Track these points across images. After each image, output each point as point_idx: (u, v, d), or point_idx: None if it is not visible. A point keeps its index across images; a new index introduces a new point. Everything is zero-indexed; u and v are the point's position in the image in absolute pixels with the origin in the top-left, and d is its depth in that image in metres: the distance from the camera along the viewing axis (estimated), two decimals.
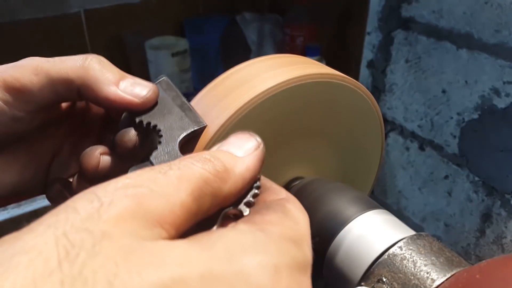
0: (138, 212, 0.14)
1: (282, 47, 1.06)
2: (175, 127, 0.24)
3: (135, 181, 0.15)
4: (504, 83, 0.54)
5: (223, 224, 0.18)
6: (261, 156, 0.20)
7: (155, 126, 0.25)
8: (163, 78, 0.27)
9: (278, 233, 0.16)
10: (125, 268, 0.12)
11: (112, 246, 0.13)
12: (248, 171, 0.19)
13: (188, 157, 0.17)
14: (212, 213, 0.18)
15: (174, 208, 0.15)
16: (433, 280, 0.23)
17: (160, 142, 0.24)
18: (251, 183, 0.19)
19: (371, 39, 0.72)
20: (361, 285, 0.25)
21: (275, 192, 0.20)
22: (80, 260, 0.12)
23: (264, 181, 0.20)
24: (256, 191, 0.19)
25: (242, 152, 0.19)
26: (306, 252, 0.16)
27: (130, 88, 0.25)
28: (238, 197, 0.19)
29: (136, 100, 0.24)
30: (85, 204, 0.14)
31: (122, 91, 0.24)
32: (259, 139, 0.20)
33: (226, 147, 0.19)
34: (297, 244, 0.16)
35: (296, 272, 0.15)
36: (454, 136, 0.62)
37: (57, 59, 0.24)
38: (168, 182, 0.15)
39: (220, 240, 0.14)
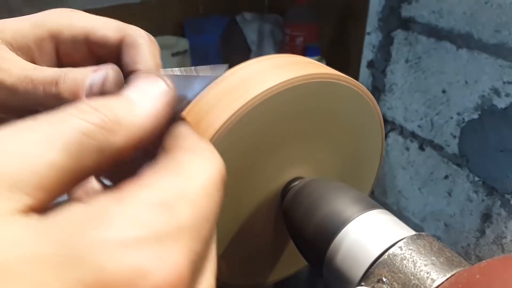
0: None
1: (282, 47, 1.06)
2: None
3: None
4: (504, 83, 0.54)
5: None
6: (168, 101, 0.17)
7: None
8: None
9: (140, 199, 0.13)
10: None
11: None
12: (149, 119, 0.16)
13: (68, 107, 0.15)
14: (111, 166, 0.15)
15: (39, 169, 0.13)
16: (433, 280, 0.23)
17: None
18: (159, 133, 0.17)
19: (371, 39, 0.72)
20: (361, 285, 0.25)
21: (181, 140, 0.17)
22: None
23: (179, 127, 0.18)
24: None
25: (145, 97, 0.16)
26: (180, 216, 0.14)
27: (90, 91, 0.22)
28: (143, 146, 0.16)
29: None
30: None
31: (87, 96, 0.22)
32: (169, 83, 0.17)
33: (125, 92, 0.17)
34: (168, 207, 0.14)
35: (154, 243, 0.13)
36: (454, 136, 0.62)
37: (29, 78, 0.22)
38: (32, 140, 0.13)
39: (60, 218, 0.13)
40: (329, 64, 0.37)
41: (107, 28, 0.25)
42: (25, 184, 0.13)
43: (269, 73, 0.30)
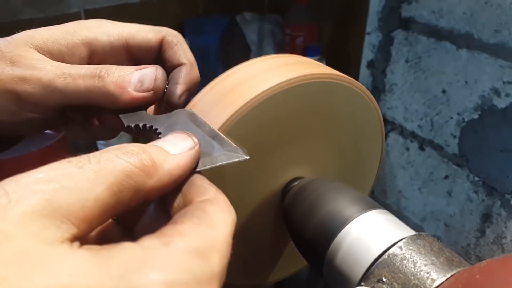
0: (45, 210, 0.14)
1: (282, 47, 1.06)
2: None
3: (47, 175, 0.15)
4: (504, 83, 0.54)
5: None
6: (194, 156, 0.20)
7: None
8: (188, 110, 0.27)
9: (183, 246, 0.15)
10: (16, 272, 0.12)
11: (9, 248, 0.13)
12: (178, 169, 0.19)
13: (114, 149, 0.17)
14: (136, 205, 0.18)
15: (86, 203, 0.15)
16: (433, 280, 0.23)
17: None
18: (181, 181, 0.19)
19: (371, 39, 0.72)
20: (361, 285, 0.25)
21: (203, 191, 0.19)
22: None
23: (198, 179, 0.20)
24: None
25: (176, 149, 0.19)
26: (213, 264, 0.16)
27: (139, 85, 0.25)
28: (165, 193, 0.19)
29: (148, 94, 0.26)
30: None
31: (135, 90, 0.25)
32: (195, 140, 0.20)
33: (160, 143, 0.19)
34: (204, 255, 0.16)
35: (195, 286, 0.15)
36: (454, 136, 0.62)
37: (68, 74, 0.24)
38: (83, 177, 0.15)
39: (119, 255, 0.14)
40: (329, 64, 0.37)
41: (144, 31, 0.28)
42: (74, 215, 0.15)
43: (269, 73, 0.30)
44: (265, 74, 0.30)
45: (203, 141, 0.22)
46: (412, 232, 0.27)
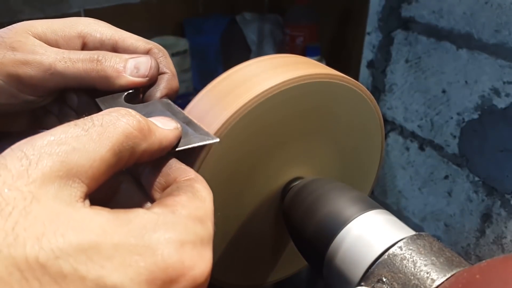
0: (61, 171, 0.16)
1: (282, 47, 1.06)
2: None
3: (59, 138, 0.17)
4: (504, 83, 0.54)
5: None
6: (178, 135, 0.23)
7: None
8: (164, 100, 0.29)
9: (186, 213, 0.18)
10: (51, 229, 0.14)
11: (41, 208, 0.15)
12: (166, 139, 0.21)
13: (114, 111, 0.19)
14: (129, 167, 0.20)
15: (94, 163, 0.17)
16: (433, 280, 0.23)
17: None
18: (165, 152, 0.22)
19: (371, 39, 0.72)
20: (361, 285, 0.25)
21: (185, 171, 0.22)
22: (13, 218, 0.14)
23: (176, 162, 0.22)
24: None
25: (163, 126, 0.22)
26: (209, 228, 0.19)
27: (135, 71, 0.28)
28: (152, 158, 0.21)
29: (143, 79, 0.28)
30: (15, 162, 0.16)
31: (130, 75, 0.27)
32: (179, 125, 0.23)
33: (150, 119, 0.22)
34: (202, 221, 0.18)
35: (199, 246, 0.17)
36: (454, 136, 0.62)
37: (67, 58, 0.27)
38: (90, 139, 0.17)
39: (136, 218, 0.17)
40: (329, 64, 0.37)
41: (135, 39, 0.30)
42: (84, 175, 0.17)
43: (269, 73, 0.30)
44: (265, 74, 0.30)
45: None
46: (412, 232, 0.27)
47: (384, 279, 0.24)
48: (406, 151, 0.72)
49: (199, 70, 1.10)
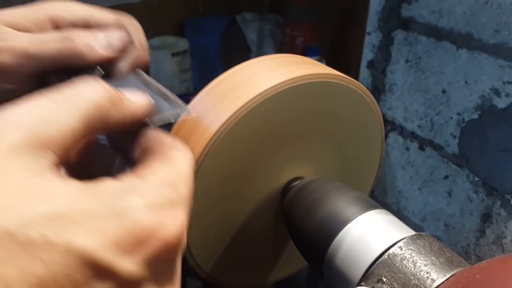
0: (30, 142, 0.16)
1: (282, 47, 1.06)
2: None
3: (27, 110, 0.17)
4: (504, 83, 0.54)
5: None
6: (149, 108, 0.22)
7: None
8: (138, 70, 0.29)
9: (155, 179, 0.18)
10: (20, 200, 0.15)
11: (9, 180, 0.15)
12: (137, 110, 0.21)
13: (85, 82, 0.19)
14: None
15: (64, 134, 0.17)
16: (433, 280, 0.23)
17: None
18: (138, 124, 0.22)
19: (371, 39, 0.72)
20: (361, 285, 0.25)
21: (160, 139, 0.22)
22: None
23: (151, 131, 0.22)
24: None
25: (135, 99, 0.22)
26: (181, 190, 0.19)
27: (108, 46, 0.28)
28: (126, 128, 0.21)
29: (115, 53, 0.28)
30: None
31: (102, 50, 0.28)
32: (150, 98, 0.23)
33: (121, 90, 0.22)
34: (173, 185, 0.19)
35: (168, 208, 0.17)
36: (454, 136, 0.62)
37: (39, 40, 0.27)
38: (59, 110, 0.17)
39: (104, 187, 0.17)
40: (329, 64, 0.37)
41: (104, 14, 0.30)
42: (54, 146, 0.17)
43: (269, 73, 0.30)
44: (265, 74, 0.30)
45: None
46: (412, 232, 0.27)
47: (384, 279, 0.24)
48: (406, 151, 0.72)
49: (199, 70, 1.10)
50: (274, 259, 0.39)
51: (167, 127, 0.27)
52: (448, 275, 0.23)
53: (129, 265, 0.16)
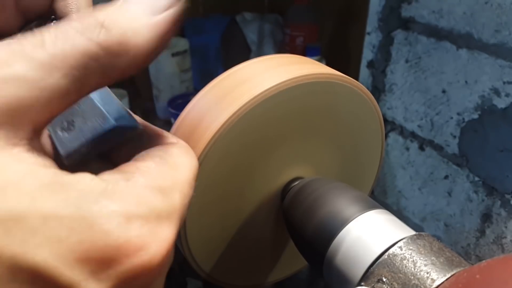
0: None
1: (282, 47, 1.06)
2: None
3: None
4: (504, 83, 0.54)
5: None
6: (175, 18, 0.16)
7: None
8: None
9: (144, 182, 0.15)
10: None
11: None
12: (156, 39, 0.15)
13: (74, 22, 0.14)
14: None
15: (43, 93, 0.13)
16: (433, 280, 0.23)
17: None
18: (160, 50, 0.16)
19: (371, 39, 0.72)
20: (361, 285, 0.25)
21: (164, 137, 0.18)
22: None
23: (152, 128, 0.19)
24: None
25: (151, 10, 0.15)
26: (173, 201, 0.15)
27: None
28: (135, 71, 0.16)
29: None
30: None
31: None
32: None
33: (129, 5, 0.15)
34: (165, 192, 0.15)
35: (152, 221, 0.14)
36: (454, 136, 0.62)
37: None
38: (37, 63, 0.13)
39: (78, 184, 0.13)
40: (329, 64, 0.37)
41: None
42: (25, 113, 0.13)
43: (269, 73, 0.30)
44: (265, 74, 0.30)
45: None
46: (412, 232, 0.27)
47: (384, 279, 0.24)
48: (406, 151, 0.72)
49: (199, 70, 1.10)
50: (274, 259, 0.39)
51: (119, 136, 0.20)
52: (448, 275, 0.23)
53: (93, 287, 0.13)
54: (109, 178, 0.14)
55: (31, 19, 0.24)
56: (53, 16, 0.24)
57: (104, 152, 0.19)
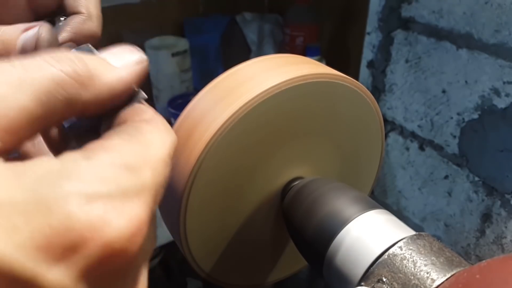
0: None
1: (282, 47, 1.06)
2: None
3: None
4: (504, 83, 0.54)
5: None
6: (140, 72, 0.18)
7: None
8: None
9: (108, 160, 0.14)
10: None
11: None
12: (120, 83, 0.17)
13: (46, 54, 0.15)
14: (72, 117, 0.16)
15: (9, 112, 0.13)
16: (433, 280, 0.23)
17: None
18: (124, 97, 0.17)
19: (371, 39, 0.72)
20: (361, 285, 0.25)
21: (139, 112, 0.18)
22: None
23: (138, 103, 0.19)
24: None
25: (120, 63, 0.17)
26: (142, 178, 0.14)
27: (23, 51, 0.23)
28: (106, 108, 0.17)
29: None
30: None
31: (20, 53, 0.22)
32: (144, 56, 0.18)
33: (104, 54, 0.18)
34: (133, 169, 0.14)
35: (117, 199, 0.13)
36: (454, 136, 0.62)
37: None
38: (6, 83, 0.14)
39: (33, 168, 0.13)
40: (329, 64, 0.37)
41: None
42: None
43: (269, 73, 0.30)
44: (265, 74, 0.30)
45: None
46: (412, 232, 0.27)
47: (384, 279, 0.24)
48: (406, 151, 0.72)
49: (199, 70, 1.10)
50: (274, 259, 0.39)
51: None
52: (448, 275, 0.23)
53: (57, 277, 0.12)
54: (68, 158, 0.14)
55: (41, 16, 0.24)
56: (63, 13, 0.25)
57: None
